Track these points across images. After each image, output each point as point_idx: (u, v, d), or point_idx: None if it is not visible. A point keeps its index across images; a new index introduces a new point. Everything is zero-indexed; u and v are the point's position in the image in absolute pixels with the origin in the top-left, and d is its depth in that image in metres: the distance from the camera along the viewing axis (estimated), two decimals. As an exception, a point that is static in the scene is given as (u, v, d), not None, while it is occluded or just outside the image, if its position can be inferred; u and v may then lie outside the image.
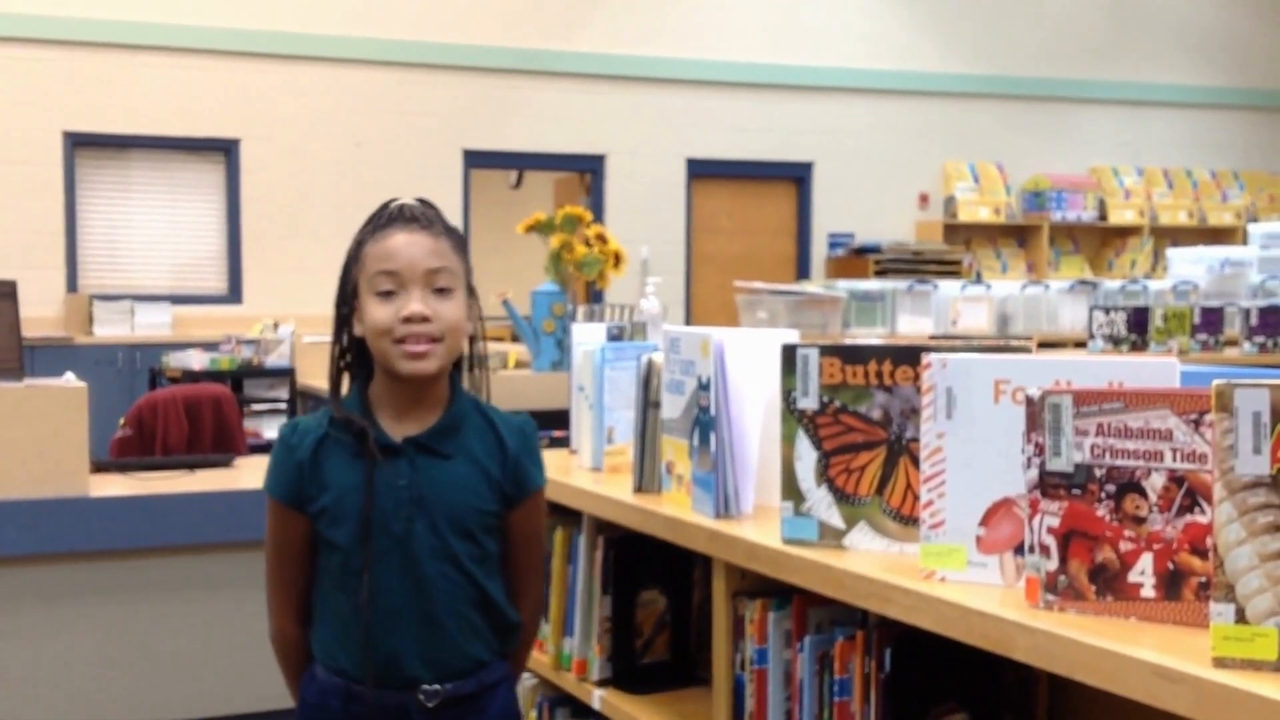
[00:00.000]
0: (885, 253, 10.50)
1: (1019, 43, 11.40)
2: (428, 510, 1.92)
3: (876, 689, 1.81)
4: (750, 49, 10.55)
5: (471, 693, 1.96)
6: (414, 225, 1.94)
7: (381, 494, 1.91)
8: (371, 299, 1.91)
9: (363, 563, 1.91)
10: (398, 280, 1.90)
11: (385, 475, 1.92)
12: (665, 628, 2.49)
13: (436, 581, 1.93)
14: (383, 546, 1.91)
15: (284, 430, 2.00)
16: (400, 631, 1.92)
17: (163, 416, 4.82)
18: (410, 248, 1.91)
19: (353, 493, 1.92)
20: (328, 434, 1.95)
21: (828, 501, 1.86)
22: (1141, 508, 1.46)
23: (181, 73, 9.13)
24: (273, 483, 1.99)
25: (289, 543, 1.99)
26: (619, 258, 4.69)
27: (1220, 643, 1.30)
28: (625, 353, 2.56)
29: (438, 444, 1.95)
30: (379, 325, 1.90)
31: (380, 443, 1.92)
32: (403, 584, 1.92)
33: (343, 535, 1.92)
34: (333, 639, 1.96)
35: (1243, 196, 12.01)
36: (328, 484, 1.94)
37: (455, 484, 1.94)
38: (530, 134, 10.02)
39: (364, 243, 1.95)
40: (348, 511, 1.92)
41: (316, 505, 1.94)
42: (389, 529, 1.91)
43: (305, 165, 9.37)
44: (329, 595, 1.97)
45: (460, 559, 1.94)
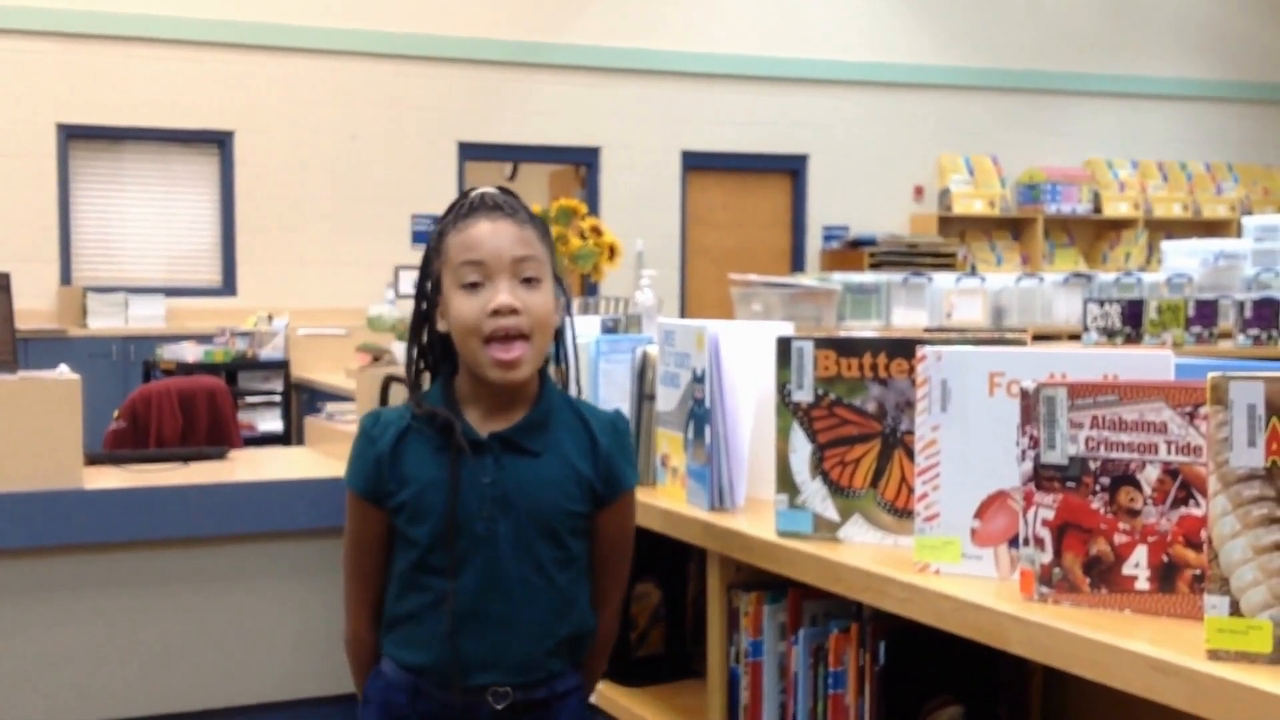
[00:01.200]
0: (880, 245, 10.50)
1: (1014, 36, 11.39)
2: (513, 510, 1.83)
3: (871, 682, 1.81)
4: (745, 42, 10.54)
5: (542, 699, 1.88)
6: (497, 213, 1.85)
7: (465, 491, 1.83)
8: (457, 292, 1.83)
9: (443, 562, 1.83)
10: (483, 270, 1.81)
11: (469, 472, 1.83)
12: (660, 620, 2.49)
13: (517, 585, 1.84)
14: (464, 546, 1.82)
15: (365, 421, 1.92)
16: (476, 634, 1.84)
17: (156, 409, 4.81)
18: (495, 236, 1.82)
19: (434, 489, 1.83)
20: (410, 426, 1.87)
21: (822, 494, 1.86)
22: (1136, 500, 1.46)
23: (175, 64, 9.10)
24: (352, 475, 1.90)
25: (369, 539, 1.90)
26: (614, 250, 4.68)
27: (1215, 635, 1.30)
28: (620, 345, 2.56)
29: (525, 440, 1.86)
30: (466, 321, 1.81)
31: (466, 437, 1.83)
32: (482, 586, 1.83)
33: (423, 533, 1.84)
34: (404, 636, 1.88)
35: (1237, 189, 12.02)
36: (408, 478, 1.85)
37: (543, 483, 1.85)
38: (525, 126, 10.01)
39: (445, 233, 1.87)
40: (428, 508, 1.83)
41: (396, 500, 1.86)
42: (471, 528, 1.82)
43: (300, 157, 9.35)
44: (404, 592, 1.88)
45: (544, 563, 1.85)
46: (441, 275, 1.86)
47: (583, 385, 2.63)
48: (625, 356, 2.50)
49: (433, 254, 1.89)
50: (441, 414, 1.84)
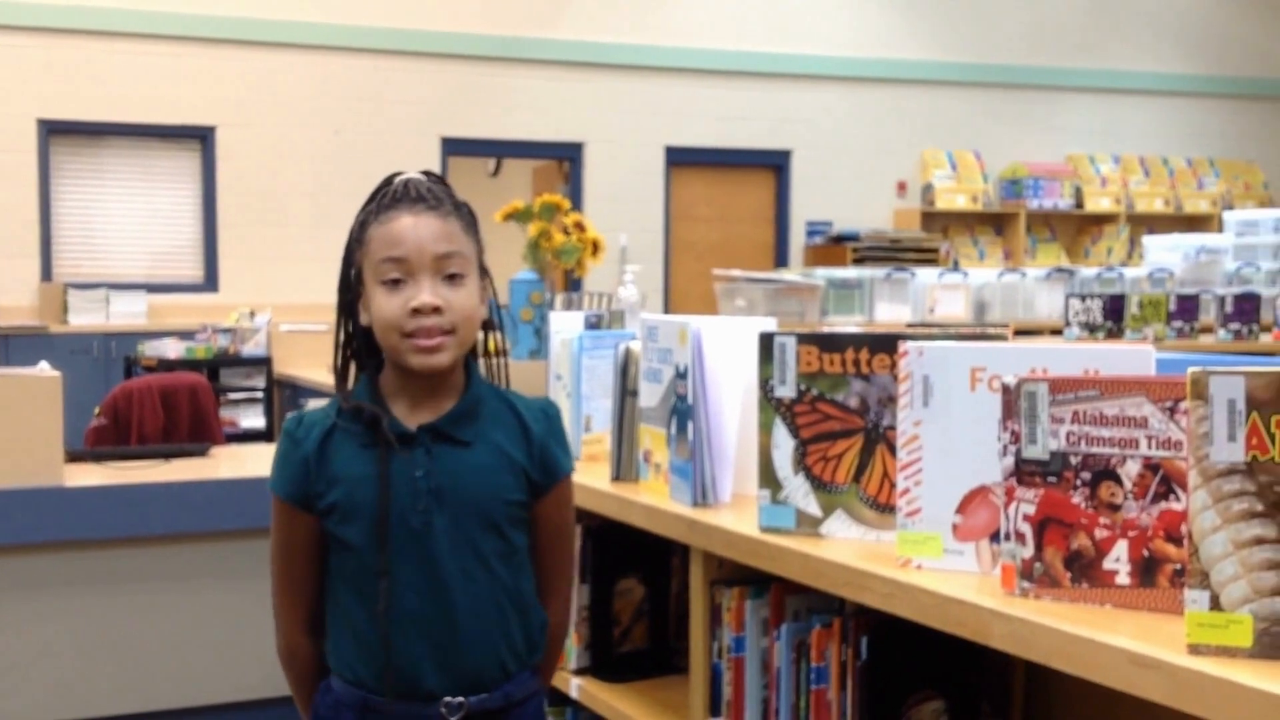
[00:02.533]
0: (863, 241, 10.51)
1: (996, 31, 11.41)
2: (448, 503, 1.77)
3: (853, 677, 1.82)
4: (729, 37, 10.54)
5: (498, 708, 1.80)
6: (420, 205, 1.77)
7: (397, 485, 1.76)
8: (378, 288, 1.76)
9: (379, 563, 1.76)
10: (405, 268, 1.75)
11: (400, 465, 1.77)
12: (643, 616, 2.49)
13: (459, 581, 1.77)
14: (400, 543, 1.76)
15: (288, 424, 1.85)
16: (420, 637, 1.77)
17: (138, 405, 4.79)
18: (417, 231, 1.75)
19: (365, 485, 1.77)
20: (335, 425, 1.81)
21: (805, 489, 1.86)
22: (1117, 495, 1.47)
23: (157, 60, 9.06)
24: (277, 480, 1.83)
25: (297, 546, 1.83)
26: (597, 246, 4.68)
27: (1195, 629, 1.30)
28: (603, 341, 2.56)
29: (455, 430, 1.80)
30: (387, 318, 1.75)
31: (394, 431, 1.77)
32: (422, 585, 1.76)
33: (356, 533, 1.77)
34: (348, 648, 1.81)
35: (1218, 184, 12.06)
36: (337, 477, 1.79)
37: (477, 473, 1.79)
38: (508, 122, 10.00)
39: (367, 224, 1.79)
40: (360, 506, 1.77)
41: (326, 501, 1.79)
42: (406, 524, 1.76)
43: (282, 153, 9.33)
44: (343, 600, 1.82)
45: (485, 555, 1.79)
46: (362, 268, 1.80)
47: (565, 381, 2.63)
48: (608, 352, 2.50)
49: (355, 244, 1.82)
50: (368, 408, 1.79)
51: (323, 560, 1.84)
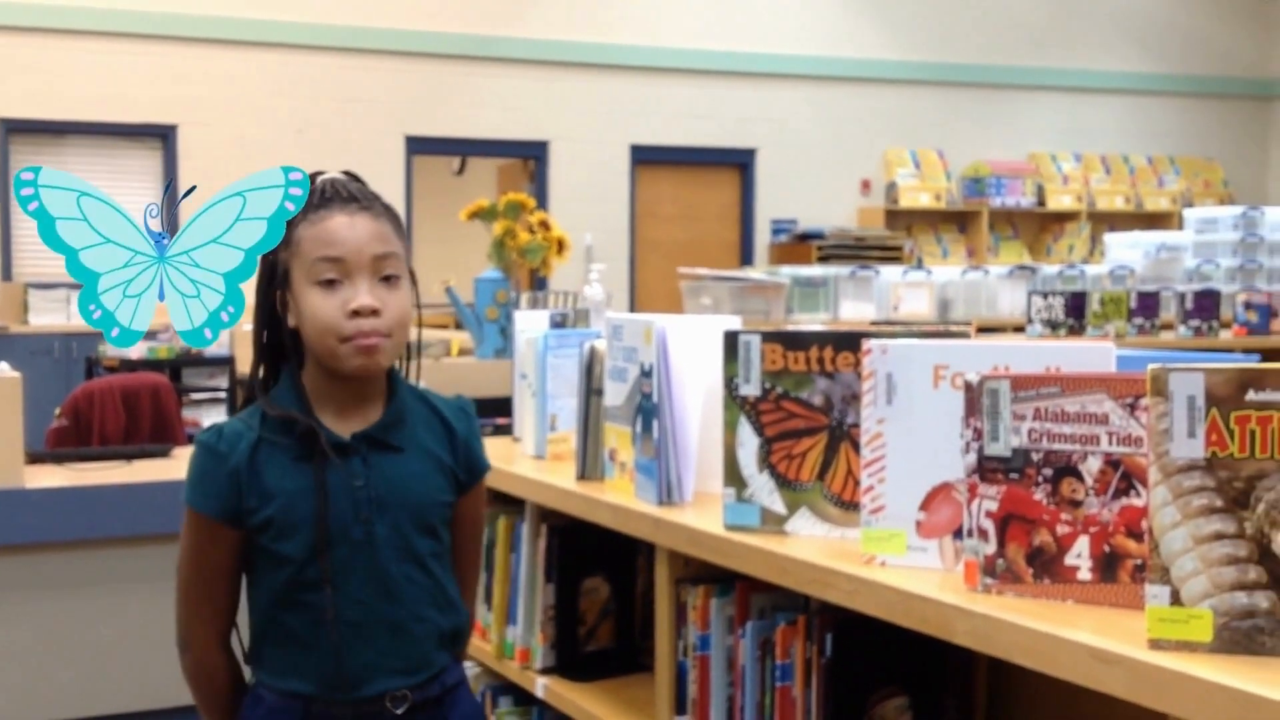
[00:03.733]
0: (828, 239, 10.55)
1: (959, 31, 11.47)
2: (388, 509, 1.76)
3: (818, 674, 1.82)
4: (694, 36, 10.55)
5: (436, 696, 1.82)
6: (353, 205, 1.75)
7: (337, 497, 1.74)
8: (311, 289, 1.72)
9: (321, 575, 1.73)
10: (342, 268, 1.72)
11: (338, 476, 1.75)
12: (609, 615, 2.49)
13: (402, 585, 1.78)
14: (343, 554, 1.74)
15: (205, 438, 1.78)
16: (368, 643, 1.76)
17: (99, 406, 4.75)
18: (354, 232, 1.73)
19: (302, 498, 1.74)
20: (262, 438, 1.76)
21: (770, 487, 1.87)
22: (1078, 491, 1.48)
23: (118, 58, 8.99)
24: (200, 496, 1.77)
25: (216, 562, 1.79)
26: (562, 244, 4.68)
27: (1155, 625, 1.31)
28: (568, 340, 2.56)
29: (389, 437, 1.79)
30: (323, 320, 1.71)
31: (329, 441, 1.75)
32: (368, 592, 1.76)
33: (295, 547, 1.74)
34: (285, 662, 1.78)
35: (1178, 182, 12.16)
36: (271, 492, 1.74)
37: (413, 479, 1.80)
38: (473, 120, 9.97)
39: (294, 223, 1.74)
40: (299, 521, 1.74)
41: (259, 517, 1.75)
42: (349, 535, 1.75)
43: (245, 151, 9.26)
44: (277, 615, 1.78)
45: (424, 558, 1.80)
46: (290, 268, 1.75)
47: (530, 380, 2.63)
48: (573, 351, 2.49)
49: (279, 244, 1.76)
50: (300, 420, 1.75)
51: (239, 574, 1.81)
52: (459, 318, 4.60)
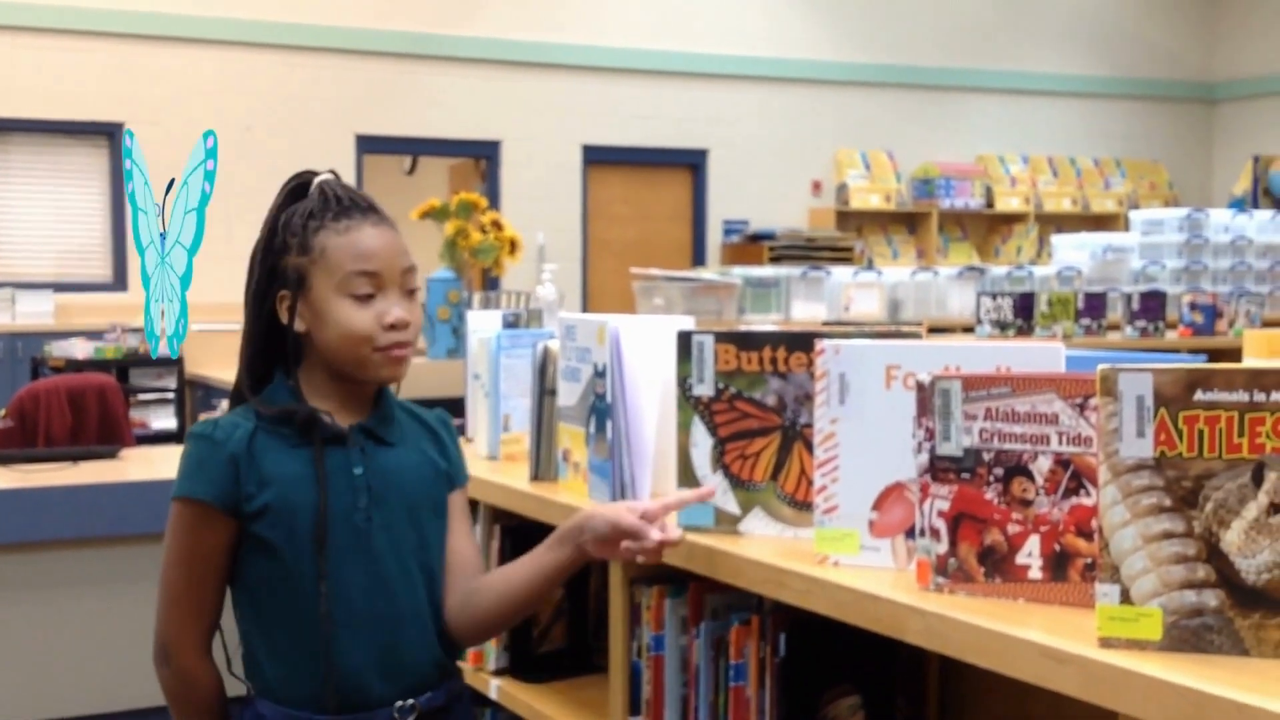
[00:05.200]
0: (779, 239, 10.58)
1: (909, 32, 11.55)
2: (385, 500, 1.76)
3: (771, 673, 1.83)
4: (645, 36, 10.55)
5: (443, 705, 1.79)
6: (374, 216, 1.76)
7: (336, 484, 1.73)
8: (342, 300, 1.72)
9: (318, 566, 1.70)
10: (377, 282, 1.73)
11: (338, 463, 1.74)
12: (562, 616, 2.48)
13: (399, 581, 1.75)
14: (341, 544, 1.72)
15: (199, 429, 1.76)
16: (364, 642, 1.72)
17: (45, 407, 4.69)
18: (385, 247, 1.75)
19: (301, 485, 1.71)
20: (258, 427, 1.75)
21: (723, 487, 1.87)
22: (1029, 490, 1.49)
23: (63, 55, 8.88)
24: (196, 483, 1.72)
25: (206, 554, 1.73)
26: (515, 244, 4.67)
27: (1106, 623, 1.33)
28: (521, 340, 2.55)
29: (383, 431, 1.80)
30: (359, 331, 1.72)
31: (329, 430, 1.75)
32: (365, 586, 1.73)
33: (291, 535, 1.71)
34: (279, 665, 1.73)
35: (1124, 184, 12.30)
36: (269, 478, 1.71)
37: (409, 470, 1.80)
38: (424, 119, 9.93)
39: (314, 229, 1.74)
40: (297, 507, 1.71)
41: (256, 503, 1.71)
42: (349, 521, 1.73)
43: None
44: (269, 614, 1.74)
45: (420, 555, 1.79)
46: (309, 274, 1.74)
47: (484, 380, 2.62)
48: (526, 351, 2.49)
49: (295, 248, 1.75)
50: (300, 409, 1.74)
51: (227, 574, 1.76)
52: (410, 318, 4.57)
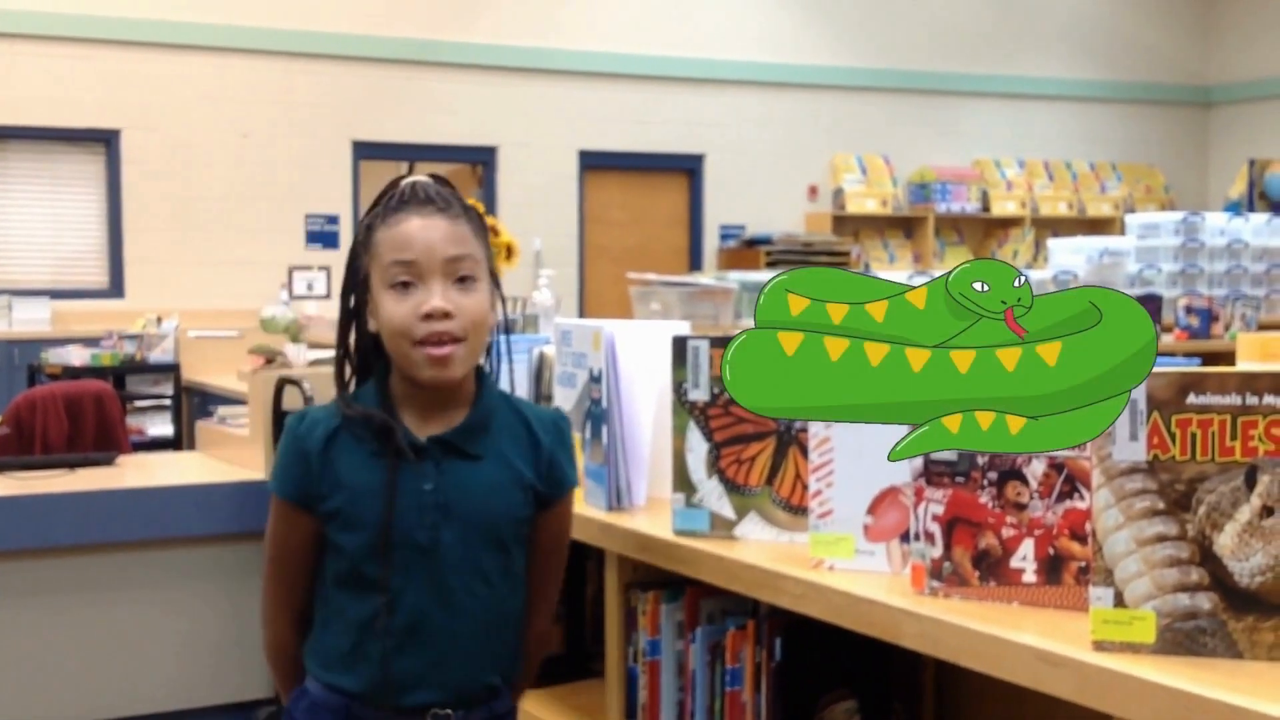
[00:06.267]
0: (776, 244, 10.58)
1: (905, 37, 11.55)
2: (456, 518, 1.71)
3: (768, 678, 1.83)
4: (642, 42, 10.56)
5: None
6: (429, 208, 1.72)
7: (405, 499, 1.70)
8: (386, 292, 1.70)
9: (378, 573, 1.70)
10: (415, 271, 1.69)
11: (409, 478, 1.70)
12: (559, 621, 2.48)
13: (463, 598, 1.72)
14: (405, 558, 1.70)
15: (291, 420, 1.78)
16: (418, 651, 1.71)
17: (42, 414, 4.69)
18: (427, 233, 1.70)
19: (370, 496, 1.70)
20: (340, 427, 1.73)
21: (719, 492, 1.87)
22: (1023, 494, 1.49)
23: (60, 62, 8.88)
24: (278, 480, 1.76)
25: (294, 547, 1.77)
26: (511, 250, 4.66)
27: (1100, 626, 1.33)
28: (517, 345, 2.55)
29: (466, 443, 1.74)
30: (396, 323, 1.69)
31: (405, 441, 1.71)
32: (426, 600, 1.71)
33: (356, 542, 1.71)
34: (335, 653, 1.74)
35: (1120, 188, 12.31)
36: (341, 482, 1.72)
37: (487, 488, 1.74)
38: (421, 125, 9.92)
39: (374, 227, 1.74)
40: (363, 517, 1.70)
41: (328, 505, 1.72)
42: (413, 539, 1.70)
43: (189, 156, 9.17)
44: (335, 602, 1.75)
45: (490, 573, 1.73)
46: (370, 272, 1.73)
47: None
48: (522, 357, 2.49)
49: (360, 248, 1.76)
50: (378, 416, 1.72)
51: (318, 561, 1.77)
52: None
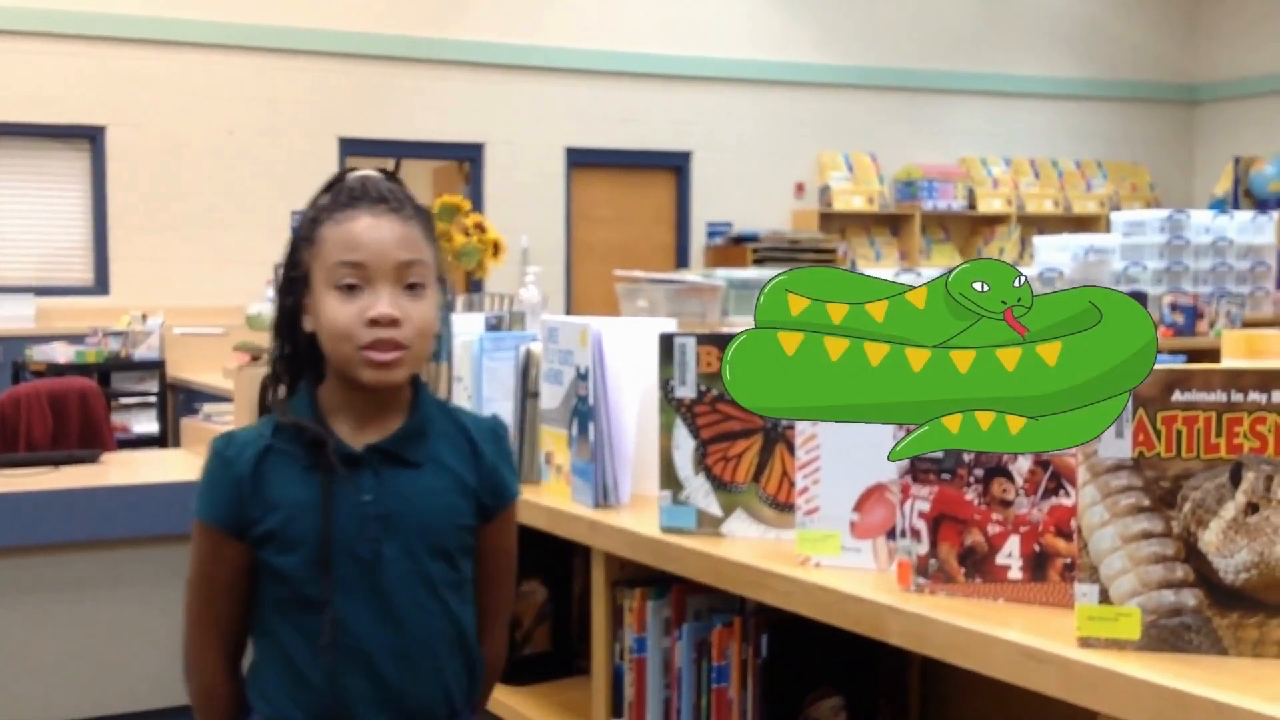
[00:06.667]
0: (763, 241, 10.59)
1: (892, 35, 11.57)
2: (398, 529, 1.63)
3: (754, 675, 1.83)
4: (629, 39, 10.55)
5: None
6: (381, 206, 1.63)
7: (343, 512, 1.62)
8: (331, 293, 1.61)
9: (322, 594, 1.61)
10: (364, 273, 1.60)
11: (346, 490, 1.62)
12: (545, 618, 2.48)
13: (410, 612, 1.64)
14: (346, 574, 1.62)
15: (216, 443, 1.68)
16: (366, 675, 1.62)
17: (26, 411, 4.68)
18: (379, 235, 1.61)
19: (307, 512, 1.62)
20: (271, 445, 1.65)
21: (705, 489, 1.88)
22: (1009, 491, 1.49)
23: (45, 58, 8.84)
24: (205, 505, 1.66)
25: (224, 578, 1.66)
26: (498, 247, 4.66)
27: (1085, 623, 1.33)
28: (504, 343, 2.55)
29: (405, 451, 1.66)
30: (339, 327, 1.60)
31: (339, 452, 1.63)
32: (371, 618, 1.62)
33: (295, 563, 1.62)
34: (278, 686, 1.65)
35: (1106, 185, 12.34)
36: (275, 502, 1.63)
37: (428, 496, 1.66)
38: (408, 122, 9.91)
39: (319, 222, 1.64)
40: (301, 534, 1.62)
41: (261, 529, 1.63)
42: (354, 553, 1.62)
43: (175, 153, 9.14)
44: (276, 633, 1.66)
45: (436, 585, 1.65)
46: (312, 269, 1.65)
47: (466, 383, 2.61)
48: (509, 354, 2.49)
49: (303, 242, 1.67)
50: (310, 428, 1.64)
51: (249, 593, 1.68)
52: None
